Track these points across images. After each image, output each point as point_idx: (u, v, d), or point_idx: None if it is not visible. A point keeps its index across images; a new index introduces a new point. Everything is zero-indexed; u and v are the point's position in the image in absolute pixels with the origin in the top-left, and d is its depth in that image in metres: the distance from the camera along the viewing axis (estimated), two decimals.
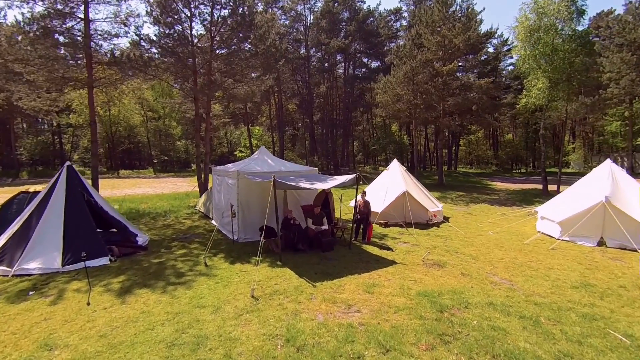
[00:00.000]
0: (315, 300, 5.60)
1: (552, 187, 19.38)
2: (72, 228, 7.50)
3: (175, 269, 7.21)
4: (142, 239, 9.12)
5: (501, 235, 10.17)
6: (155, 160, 44.53)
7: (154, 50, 13.81)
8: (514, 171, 43.92)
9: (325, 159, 39.32)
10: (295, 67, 37.32)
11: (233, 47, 14.98)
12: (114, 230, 9.10)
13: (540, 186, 21.28)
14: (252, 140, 38.03)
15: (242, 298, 5.68)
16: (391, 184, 11.99)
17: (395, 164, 13.01)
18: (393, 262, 7.59)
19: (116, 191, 20.97)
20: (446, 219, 12.55)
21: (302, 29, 38.44)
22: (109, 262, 7.49)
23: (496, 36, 34.75)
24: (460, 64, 24.64)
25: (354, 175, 8.35)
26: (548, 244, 9.08)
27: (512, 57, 43.24)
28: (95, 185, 13.18)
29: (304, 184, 8.04)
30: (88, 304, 5.53)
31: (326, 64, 38.59)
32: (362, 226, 9.45)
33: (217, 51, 14.97)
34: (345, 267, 7.20)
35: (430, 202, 12.30)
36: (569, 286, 6.29)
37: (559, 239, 9.32)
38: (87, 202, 8.26)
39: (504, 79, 39.67)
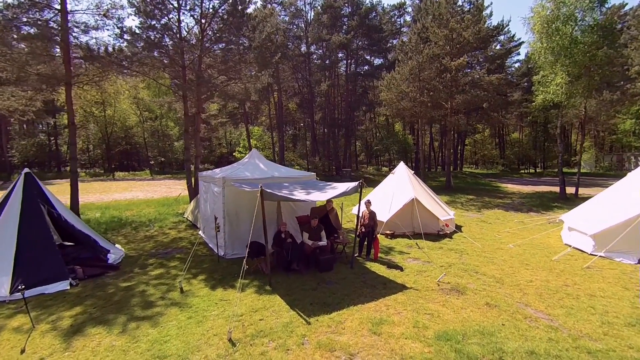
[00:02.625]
0: (308, 345, 4.44)
1: (568, 190, 18.04)
2: (27, 247, 6.39)
3: (144, 296, 6.07)
4: (115, 255, 8.01)
5: (524, 249, 8.95)
6: (152, 162, 43.43)
7: (138, 44, 12.69)
8: (522, 171, 42.44)
9: (327, 160, 38.10)
10: (295, 64, 36.10)
11: (225, 41, 13.83)
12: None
13: (555, 189, 19.97)
14: (252, 140, 36.90)
15: (217, 342, 4.53)
16: (397, 190, 10.77)
17: (401, 167, 11.80)
18: (403, 287, 6.41)
19: (104, 196, 19.87)
20: (458, 228, 11.34)
21: (303, 25, 37.22)
22: (68, 288, 6.37)
23: (504, 32, 33.26)
24: (466, 59, 23.26)
25: (355, 183, 7.18)
26: (581, 262, 7.86)
27: (519, 54, 41.87)
28: (75, 190, 12.08)
29: (299, 194, 6.87)
30: (22, 351, 4.40)
31: (327, 61, 37.32)
32: (367, 240, 8.28)
33: (208, 45, 13.82)
34: (346, 294, 6.04)
35: (441, 210, 11.08)
36: (622, 323, 5.08)
37: (593, 255, 8.10)
38: (48, 215, 7.17)
39: (510, 76, 38.21)
